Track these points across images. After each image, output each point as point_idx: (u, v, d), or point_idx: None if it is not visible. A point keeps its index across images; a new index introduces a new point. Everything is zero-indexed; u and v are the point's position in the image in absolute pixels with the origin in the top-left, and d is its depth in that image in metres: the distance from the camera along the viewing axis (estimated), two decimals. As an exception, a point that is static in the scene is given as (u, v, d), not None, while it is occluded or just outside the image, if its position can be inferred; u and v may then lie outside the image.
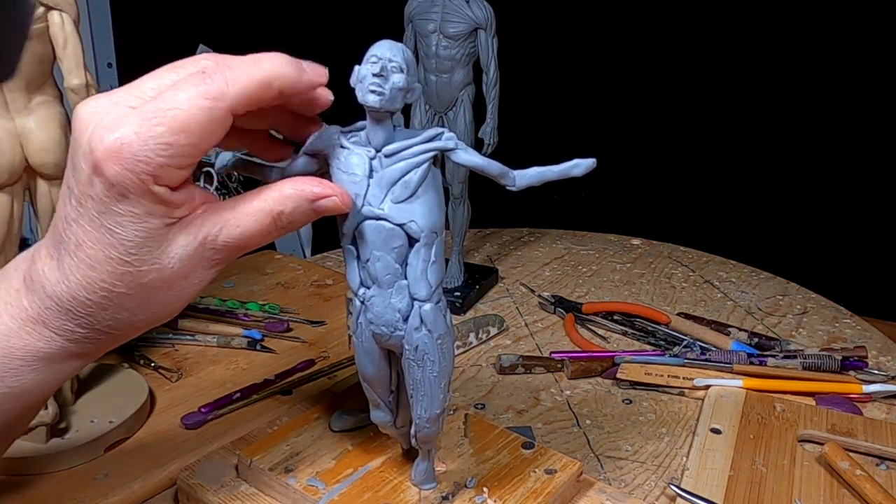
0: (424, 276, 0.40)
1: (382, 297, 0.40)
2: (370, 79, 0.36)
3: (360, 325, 0.42)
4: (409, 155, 0.38)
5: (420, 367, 0.41)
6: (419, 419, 0.43)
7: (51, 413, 0.55)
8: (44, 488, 0.53)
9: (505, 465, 0.50)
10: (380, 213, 0.38)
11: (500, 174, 0.40)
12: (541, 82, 1.88)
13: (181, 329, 0.75)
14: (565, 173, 0.40)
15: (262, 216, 0.35)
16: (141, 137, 0.31)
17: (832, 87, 1.71)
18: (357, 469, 0.49)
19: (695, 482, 0.53)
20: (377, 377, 0.44)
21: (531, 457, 0.51)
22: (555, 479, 0.49)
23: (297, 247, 1.58)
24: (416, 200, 0.38)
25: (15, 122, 0.49)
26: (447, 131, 0.39)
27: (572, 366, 0.70)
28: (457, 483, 0.48)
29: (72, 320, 0.34)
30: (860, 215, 1.75)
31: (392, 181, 0.38)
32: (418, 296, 0.40)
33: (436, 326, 0.41)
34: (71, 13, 0.49)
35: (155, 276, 0.34)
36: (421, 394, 0.42)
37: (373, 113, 0.38)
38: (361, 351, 0.43)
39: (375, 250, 0.39)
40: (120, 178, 0.31)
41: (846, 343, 0.78)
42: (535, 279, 0.94)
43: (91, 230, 0.33)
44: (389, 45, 0.37)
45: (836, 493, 0.53)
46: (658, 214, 1.82)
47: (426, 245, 0.39)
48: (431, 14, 0.79)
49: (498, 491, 0.48)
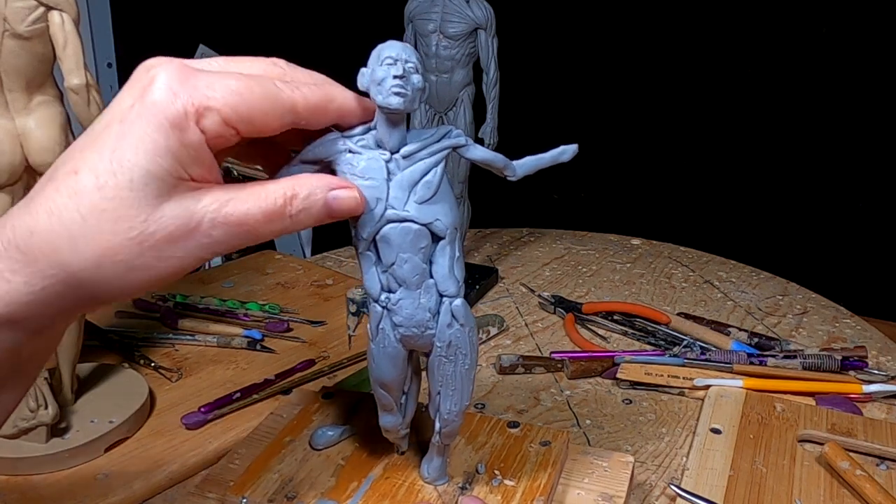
0: (452, 272, 0.40)
1: (412, 298, 0.40)
2: (391, 80, 0.36)
3: (383, 330, 0.41)
4: (426, 155, 0.38)
5: (452, 362, 0.42)
6: (448, 414, 0.44)
7: (51, 413, 0.55)
8: (44, 488, 0.53)
9: (502, 447, 0.51)
10: (405, 215, 0.38)
11: (504, 166, 0.41)
12: (541, 82, 1.88)
13: (181, 329, 0.75)
14: (556, 159, 0.41)
15: (274, 197, 0.33)
16: (213, 76, 0.31)
17: (832, 87, 1.71)
18: (362, 481, 0.48)
19: (695, 482, 0.53)
20: (397, 380, 0.43)
21: (521, 434, 0.53)
22: (553, 449, 0.51)
23: (297, 247, 1.58)
24: (437, 199, 0.38)
25: (15, 122, 0.49)
26: (454, 128, 0.40)
27: (572, 366, 0.70)
28: (467, 472, 0.49)
29: (20, 260, 0.30)
30: (860, 215, 1.75)
31: (413, 182, 0.38)
32: (448, 292, 0.40)
33: (467, 320, 0.41)
34: (71, 13, 0.49)
35: (136, 233, 0.30)
36: (451, 388, 0.43)
37: (391, 115, 0.37)
38: (383, 356, 0.42)
39: (402, 252, 0.39)
40: (168, 94, 0.30)
41: (846, 343, 0.78)
42: (535, 279, 0.94)
43: (95, 154, 0.30)
44: (402, 45, 0.37)
45: (836, 493, 0.53)
46: (658, 214, 1.82)
47: (451, 242, 0.39)
48: (431, 14, 0.79)
49: (508, 471, 0.49)
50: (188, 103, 0.31)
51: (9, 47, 0.47)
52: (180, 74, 0.31)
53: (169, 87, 0.31)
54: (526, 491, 0.47)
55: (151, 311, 0.79)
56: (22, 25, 0.47)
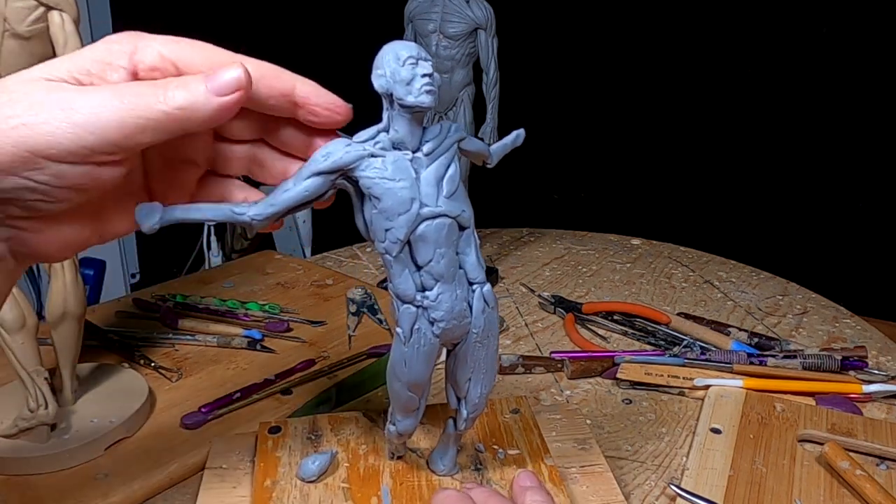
0: (479, 259, 0.41)
1: (449, 291, 0.40)
2: (421, 79, 0.36)
3: (419, 331, 0.40)
4: (443, 150, 0.39)
5: (485, 345, 0.43)
6: (479, 398, 0.44)
7: (51, 413, 0.55)
8: (44, 488, 0.53)
9: (481, 426, 0.53)
10: (439, 211, 0.38)
11: (487, 154, 0.43)
12: (541, 82, 1.88)
13: (181, 329, 0.75)
14: (514, 143, 0.44)
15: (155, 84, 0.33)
16: None
17: (832, 87, 1.71)
18: (379, 496, 0.47)
19: (695, 482, 0.53)
20: (428, 378, 0.43)
21: (489, 410, 0.55)
22: (525, 414, 0.55)
23: (297, 247, 1.58)
24: (459, 191, 0.39)
25: None
26: (452, 123, 0.41)
27: (572, 366, 0.70)
28: (469, 455, 0.50)
29: None
30: (860, 215, 1.75)
31: (439, 178, 0.39)
32: (478, 279, 0.41)
33: (495, 303, 0.42)
34: (71, 13, 0.49)
35: None
36: (482, 372, 0.44)
37: (417, 114, 0.37)
38: (419, 356, 0.41)
39: (439, 248, 0.39)
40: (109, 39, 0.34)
41: (846, 343, 0.78)
42: (535, 279, 0.94)
43: None
44: (415, 45, 0.37)
45: (836, 493, 0.53)
46: (658, 214, 1.82)
47: (472, 231, 0.41)
48: (431, 14, 0.79)
49: (504, 443, 0.52)
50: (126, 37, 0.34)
51: (9, 47, 0.47)
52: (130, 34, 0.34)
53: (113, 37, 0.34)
54: (531, 455, 0.50)
55: (151, 311, 0.79)
56: (22, 25, 0.47)
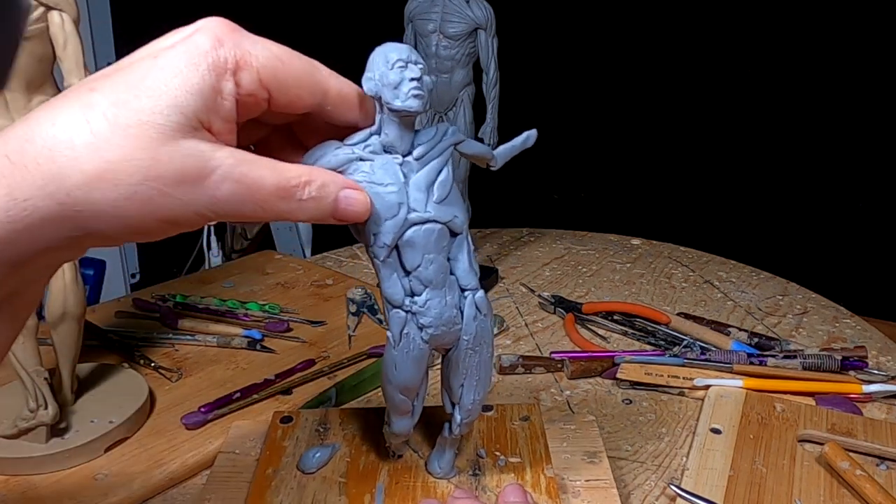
0: (471, 265, 0.41)
1: (439, 297, 0.40)
2: (409, 83, 0.36)
3: (408, 335, 0.40)
4: (435, 154, 0.39)
5: (477, 352, 0.42)
6: (472, 404, 0.44)
7: (51, 413, 0.55)
8: (44, 488, 0.53)
9: (487, 431, 0.52)
10: (428, 216, 0.38)
11: (490, 157, 0.43)
12: (541, 82, 1.88)
13: (181, 329, 0.75)
14: (524, 145, 0.43)
15: (290, 175, 0.32)
16: (258, 38, 0.32)
17: (832, 87, 1.71)
18: (373, 493, 0.47)
19: (695, 482, 0.53)
20: (419, 382, 0.43)
21: (498, 416, 0.54)
22: (534, 422, 0.53)
23: (297, 247, 1.58)
24: (451, 196, 0.39)
25: (15, 122, 0.49)
26: (450, 126, 0.40)
27: (572, 366, 0.70)
28: (469, 459, 0.49)
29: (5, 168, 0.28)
30: (860, 215, 1.75)
31: (430, 182, 0.38)
32: (470, 286, 0.41)
33: (489, 310, 0.42)
34: (71, 13, 0.49)
35: (146, 158, 0.28)
36: (475, 378, 0.43)
37: (406, 118, 0.37)
38: (408, 360, 0.41)
39: (428, 254, 0.39)
40: (213, 40, 0.30)
41: (846, 343, 0.78)
42: (535, 279, 0.94)
43: (120, 78, 0.29)
44: (406, 47, 0.36)
45: (836, 493, 0.53)
46: (658, 214, 1.82)
47: (466, 237, 0.40)
48: (431, 14, 0.79)
49: (506, 450, 0.50)
50: (230, 53, 0.30)
51: (9, 47, 0.47)
52: (228, 27, 0.31)
53: (215, 35, 0.31)
54: (533, 464, 0.49)
55: (151, 311, 0.79)
56: (22, 25, 0.47)
